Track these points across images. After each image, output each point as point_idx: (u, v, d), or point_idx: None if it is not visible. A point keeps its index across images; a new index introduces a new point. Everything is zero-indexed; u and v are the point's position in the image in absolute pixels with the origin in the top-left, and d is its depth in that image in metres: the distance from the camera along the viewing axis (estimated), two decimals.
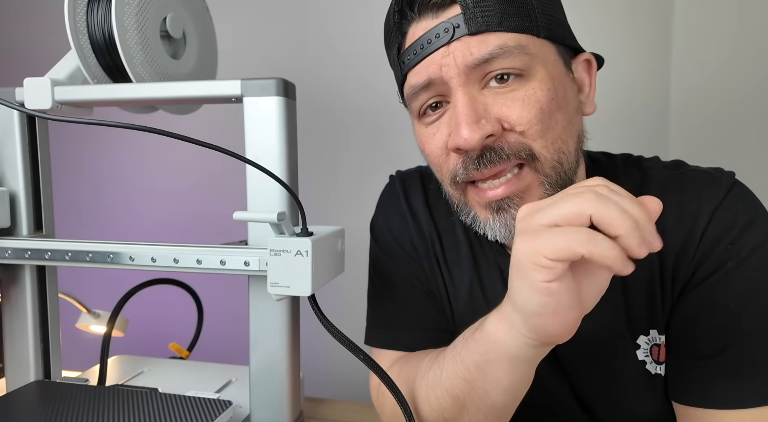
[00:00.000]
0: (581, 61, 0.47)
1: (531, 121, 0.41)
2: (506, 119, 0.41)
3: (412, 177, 0.61)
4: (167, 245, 0.49)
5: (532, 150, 0.42)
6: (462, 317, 0.56)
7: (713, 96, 0.98)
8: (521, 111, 0.41)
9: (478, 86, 0.42)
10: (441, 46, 0.41)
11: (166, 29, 0.59)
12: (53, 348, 0.60)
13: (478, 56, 0.40)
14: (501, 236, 0.45)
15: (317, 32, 1.17)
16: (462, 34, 0.41)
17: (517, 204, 0.43)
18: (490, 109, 0.42)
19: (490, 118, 0.41)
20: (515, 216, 0.43)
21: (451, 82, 0.42)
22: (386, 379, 0.43)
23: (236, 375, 0.69)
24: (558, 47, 0.44)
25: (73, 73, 0.56)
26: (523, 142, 0.42)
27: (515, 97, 0.41)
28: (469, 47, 0.41)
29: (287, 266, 0.41)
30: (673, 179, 0.49)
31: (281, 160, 0.51)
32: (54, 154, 0.61)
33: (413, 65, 0.44)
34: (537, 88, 0.41)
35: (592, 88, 0.48)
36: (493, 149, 0.42)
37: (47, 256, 0.52)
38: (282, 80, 0.50)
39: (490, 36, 0.40)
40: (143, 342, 1.15)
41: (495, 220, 0.44)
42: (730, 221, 0.45)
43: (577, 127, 0.46)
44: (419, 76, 0.43)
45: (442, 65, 0.42)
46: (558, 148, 0.43)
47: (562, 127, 0.43)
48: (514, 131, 0.42)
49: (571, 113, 0.44)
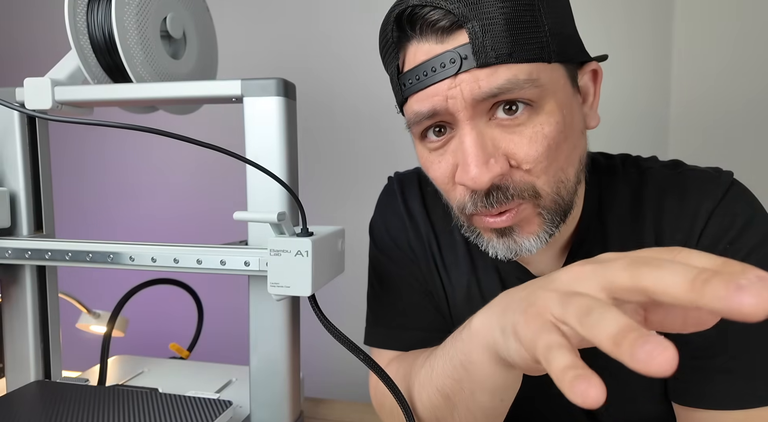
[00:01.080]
0: (588, 71, 0.46)
1: (537, 159, 0.40)
2: (513, 156, 0.40)
3: (409, 179, 0.61)
4: (167, 245, 0.49)
5: (536, 188, 0.41)
6: (460, 317, 0.56)
7: (713, 97, 0.98)
8: (528, 149, 0.40)
9: (485, 118, 0.40)
10: (447, 78, 0.39)
11: (166, 29, 0.59)
12: (53, 348, 0.60)
13: (487, 90, 0.38)
14: (502, 255, 0.44)
15: (317, 32, 1.17)
16: (470, 67, 0.38)
17: (518, 231, 0.43)
18: (498, 144, 0.40)
19: (498, 157, 0.40)
20: (516, 240, 0.43)
21: (458, 114, 0.40)
22: (386, 379, 0.43)
23: (236, 375, 0.69)
24: (566, 66, 0.42)
25: (74, 73, 0.56)
26: (528, 180, 0.41)
27: (523, 133, 0.40)
28: (478, 80, 0.38)
29: (287, 266, 0.41)
30: (671, 179, 0.49)
31: (281, 160, 0.51)
32: (55, 154, 0.61)
33: (415, 91, 0.42)
34: (545, 122, 0.40)
35: (596, 99, 0.47)
36: (499, 188, 0.40)
37: (47, 256, 0.52)
38: (282, 80, 0.50)
39: (500, 68, 0.38)
40: (143, 342, 1.15)
41: (498, 242, 0.44)
42: (729, 221, 0.44)
43: (580, 150, 0.44)
44: (422, 104, 0.41)
45: (449, 97, 0.40)
46: (558, 180, 0.42)
47: (565, 157, 0.42)
48: (520, 169, 0.41)
49: (576, 137, 0.43)
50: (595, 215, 0.50)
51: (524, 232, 0.43)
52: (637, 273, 0.23)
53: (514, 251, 0.44)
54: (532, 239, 0.43)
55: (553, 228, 0.43)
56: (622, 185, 0.50)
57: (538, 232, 0.43)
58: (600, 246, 0.50)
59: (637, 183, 0.50)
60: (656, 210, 0.48)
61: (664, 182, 0.49)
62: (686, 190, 0.47)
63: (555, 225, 0.43)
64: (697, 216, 0.46)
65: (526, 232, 0.43)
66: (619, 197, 0.50)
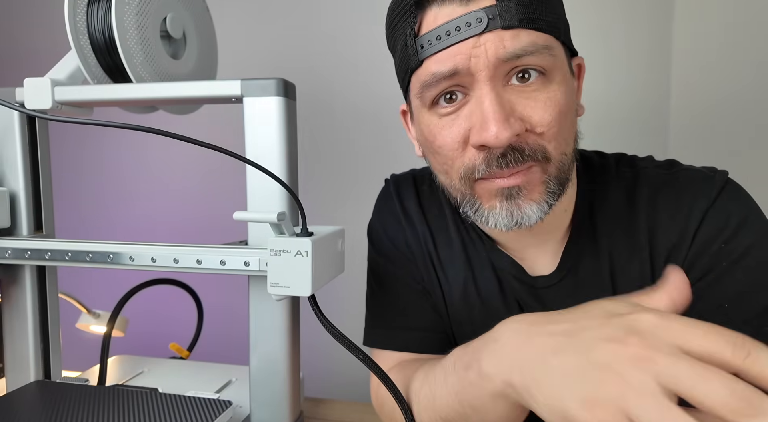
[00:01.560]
0: (575, 64, 0.48)
1: (551, 123, 0.41)
2: (528, 120, 0.41)
3: (405, 180, 0.62)
4: (167, 245, 0.49)
5: (546, 152, 0.42)
6: (456, 314, 0.57)
7: (713, 96, 0.98)
8: (543, 113, 0.41)
9: (501, 82, 0.41)
10: (472, 36, 0.40)
11: (166, 29, 0.59)
12: (53, 348, 0.60)
13: (511, 50, 0.40)
14: (503, 223, 0.44)
15: (317, 32, 1.17)
16: (495, 27, 0.39)
17: (524, 194, 0.43)
18: (515, 107, 0.41)
19: (516, 117, 0.41)
20: (520, 205, 0.43)
21: (479, 74, 0.41)
22: (386, 379, 0.43)
23: (236, 375, 0.69)
24: (566, 50, 0.44)
25: (73, 73, 0.56)
26: (541, 143, 0.42)
27: (538, 98, 0.41)
28: (503, 40, 0.40)
29: (287, 266, 0.41)
30: (665, 179, 0.49)
31: (281, 160, 0.51)
32: (55, 154, 0.61)
33: (435, 52, 0.42)
34: (557, 90, 0.42)
35: (579, 91, 0.49)
36: (515, 149, 0.41)
37: (47, 256, 0.52)
38: (282, 80, 0.50)
39: (522, 32, 0.40)
40: (143, 342, 1.15)
41: (502, 207, 0.44)
42: (723, 220, 0.45)
43: (575, 130, 0.46)
44: (443, 64, 0.42)
45: (472, 56, 0.40)
46: (563, 150, 0.43)
47: (568, 128, 0.43)
48: (534, 132, 0.42)
49: (574, 115, 0.45)
50: (588, 214, 0.50)
51: (528, 198, 0.43)
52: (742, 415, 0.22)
53: (516, 218, 0.44)
54: (534, 207, 0.43)
55: (552, 199, 0.44)
56: (615, 185, 0.51)
57: (540, 200, 0.44)
58: (592, 247, 0.50)
59: (631, 182, 0.50)
60: (650, 209, 0.48)
61: (659, 182, 0.49)
62: (680, 189, 0.48)
63: (554, 197, 0.44)
64: (691, 216, 0.46)
65: (530, 199, 0.43)
66: (612, 197, 0.50)
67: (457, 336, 0.58)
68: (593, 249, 0.50)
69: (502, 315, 0.53)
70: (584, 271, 0.50)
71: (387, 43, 0.50)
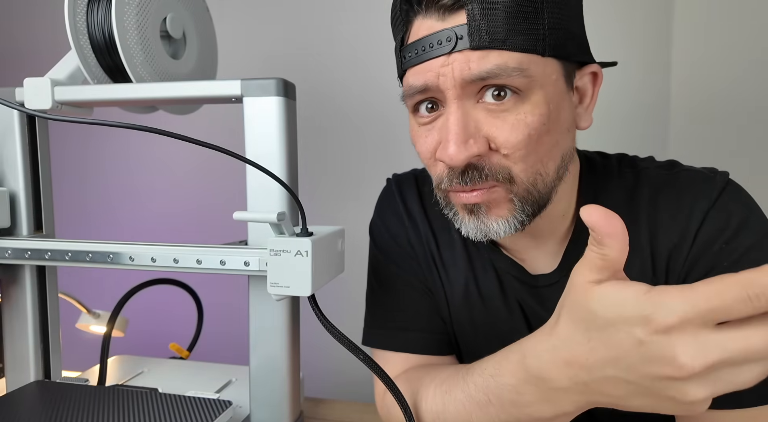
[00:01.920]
0: (588, 73, 0.46)
1: (516, 146, 0.41)
2: (493, 140, 0.41)
3: (407, 179, 0.62)
4: (167, 245, 0.49)
5: (511, 173, 0.42)
6: (458, 314, 0.57)
7: (713, 96, 0.98)
8: (509, 135, 0.41)
9: (473, 99, 0.41)
10: (441, 55, 0.41)
11: (166, 29, 0.59)
12: (53, 348, 0.60)
13: (476, 72, 0.39)
14: (473, 235, 0.45)
15: (317, 32, 1.17)
16: (463, 47, 0.39)
17: (486, 211, 0.44)
18: (480, 126, 0.41)
19: (478, 138, 0.41)
20: (484, 222, 0.44)
21: (447, 93, 0.41)
22: (386, 379, 0.43)
23: (236, 375, 0.69)
24: (562, 63, 0.43)
25: (73, 73, 0.56)
26: (505, 164, 0.42)
27: (506, 119, 0.41)
28: (468, 62, 0.40)
29: (287, 266, 0.41)
30: (666, 179, 0.49)
31: (281, 160, 0.51)
32: (56, 154, 0.61)
33: (412, 65, 0.43)
34: (529, 112, 0.41)
35: (593, 101, 0.47)
36: (475, 168, 0.42)
37: (47, 256, 0.52)
38: (282, 80, 0.50)
39: (492, 53, 0.39)
40: (143, 342, 1.15)
41: (469, 220, 0.45)
42: (724, 221, 0.44)
43: (563, 147, 0.45)
44: (416, 78, 0.43)
45: (440, 74, 0.41)
46: (536, 171, 0.43)
47: (546, 150, 0.43)
48: (499, 152, 0.42)
49: (560, 133, 0.44)
50: None
51: (492, 214, 0.44)
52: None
53: (484, 232, 0.44)
54: (501, 222, 0.44)
55: (524, 217, 0.44)
56: (617, 185, 0.51)
57: (508, 217, 0.44)
58: None
59: (632, 183, 0.50)
60: (651, 210, 0.48)
61: (660, 182, 0.49)
62: (681, 189, 0.48)
63: (527, 215, 0.44)
64: (692, 216, 0.46)
65: (495, 215, 0.44)
66: (615, 197, 0.50)
67: (458, 337, 0.58)
68: None
69: (502, 316, 0.54)
70: None
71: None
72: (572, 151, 0.47)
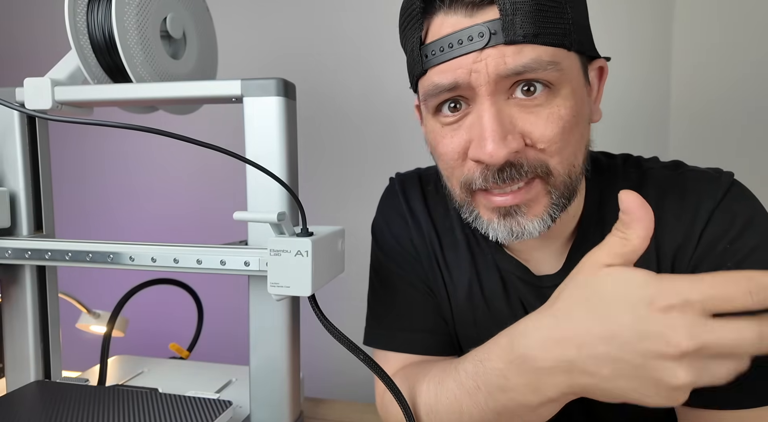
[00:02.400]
0: (596, 67, 0.47)
1: (552, 139, 0.41)
2: (529, 135, 0.41)
3: (410, 179, 0.61)
4: (167, 245, 0.49)
5: (548, 166, 0.42)
6: (461, 315, 0.56)
7: (713, 95, 0.98)
8: (545, 129, 0.40)
9: (504, 96, 0.41)
10: (473, 51, 0.40)
11: (166, 29, 0.59)
12: (53, 348, 0.60)
13: (512, 67, 0.39)
14: (502, 238, 0.45)
15: (318, 32, 1.17)
16: (498, 42, 0.39)
17: (524, 212, 0.43)
18: (515, 122, 0.41)
19: (515, 134, 0.40)
20: (520, 222, 0.43)
21: (480, 89, 0.40)
22: (386, 379, 0.43)
23: (236, 375, 0.69)
24: (581, 57, 0.43)
25: (74, 73, 0.56)
26: (542, 158, 0.42)
27: (540, 113, 0.41)
28: (504, 56, 0.39)
29: (287, 266, 0.41)
30: (671, 179, 0.49)
31: (281, 160, 0.51)
32: (56, 154, 0.61)
33: (438, 63, 0.42)
34: (561, 105, 0.41)
35: (600, 95, 0.48)
36: (513, 165, 0.41)
37: (47, 256, 0.52)
38: (282, 80, 0.50)
39: (526, 47, 0.39)
40: (143, 342, 1.15)
41: (500, 224, 0.44)
42: (729, 221, 0.45)
43: (586, 139, 0.45)
44: (444, 76, 0.41)
45: (473, 71, 0.40)
46: (570, 163, 0.43)
47: (576, 141, 0.43)
48: (535, 147, 0.41)
49: (584, 126, 0.44)
50: (596, 214, 0.50)
51: (530, 214, 0.43)
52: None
53: (516, 233, 0.44)
54: (536, 222, 0.43)
55: (556, 212, 0.44)
56: (622, 185, 0.50)
57: (543, 214, 0.43)
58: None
59: (637, 183, 0.50)
60: (656, 210, 0.48)
61: (665, 182, 0.49)
62: (686, 190, 0.48)
63: (559, 209, 0.44)
64: (697, 217, 0.46)
65: (532, 214, 0.43)
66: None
67: (461, 338, 0.58)
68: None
69: (505, 317, 0.54)
70: None
71: (399, 40, 0.50)
72: (589, 145, 0.48)
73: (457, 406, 0.42)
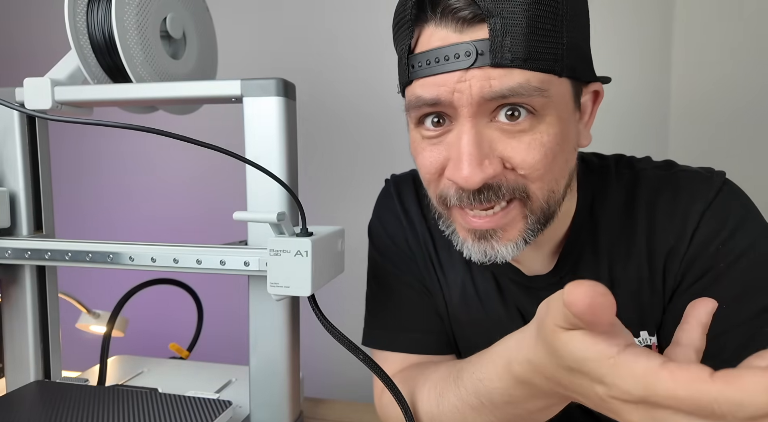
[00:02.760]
0: (590, 91, 0.45)
1: (534, 166, 0.40)
2: (509, 160, 0.40)
3: (405, 180, 0.62)
4: (167, 245, 0.50)
5: (527, 190, 0.41)
6: (456, 315, 0.57)
7: (714, 97, 0.98)
8: (526, 155, 0.39)
9: (487, 118, 0.40)
10: (458, 70, 0.38)
11: (166, 29, 0.59)
12: (53, 348, 0.61)
13: (497, 90, 0.38)
14: (475, 258, 0.44)
15: (318, 32, 1.17)
16: (484, 64, 0.37)
17: (500, 236, 0.43)
18: (495, 146, 0.40)
19: (493, 159, 0.40)
20: (494, 246, 0.43)
21: (461, 110, 0.39)
22: (386, 379, 0.43)
23: (236, 375, 0.69)
24: (573, 83, 0.42)
25: (73, 73, 0.56)
26: (522, 182, 0.41)
27: (522, 139, 0.40)
28: (489, 79, 0.37)
29: (287, 266, 0.41)
30: (663, 179, 0.49)
31: (281, 160, 0.51)
32: (54, 154, 0.61)
33: (423, 76, 0.41)
34: (545, 132, 0.40)
35: (592, 119, 0.47)
36: (491, 188, 0.40)
37: (47, 256, 0.52)
38: (282, 80, 0.51)
39: (514, 71, 0.37)
40: (143, 342, 1.15)
41: (474, 245, 0.44)
42: (721, 222, 0.44)
43: (570, 166, 0.44)
44: (427, 91, 0.40)
45: (456, 90, 0.39)
46: (550, 189, 0.42)
47: (559, 168, 0.42)
48: (515, 171, 0.40)
49: (569, 152, 0.43)
50: (587, 216, 0.50)
51: (504, 239, 0.43)
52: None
53: (489, 256, 0.43)
54: (510, 246, 0.43)
55: (531, 237, 0.43)
56: (614, 186, 0.51)
57: (517, 239, 0.43)
58: (591, 247, 0.50)
59: (629, 184, 0.50)
60: (648, 210, 0.48)
61: (657, 183, 0.49)
62: (678, 190, 0.47)
63: (533, 233, 0.43)
64: (688, 217, 0.46)
65: (506, 239, 0.43)
66: (612, 198, 0.50)
67: (458, 338, 0.58)
68: (593, 250, 0.50)
69: (501, 317, 0.54)
70: (583, 271, 0.50)
71: (393, 43, 0.49)
72: (575, 167, 0.47)
73: (461, 418, 0.42)
